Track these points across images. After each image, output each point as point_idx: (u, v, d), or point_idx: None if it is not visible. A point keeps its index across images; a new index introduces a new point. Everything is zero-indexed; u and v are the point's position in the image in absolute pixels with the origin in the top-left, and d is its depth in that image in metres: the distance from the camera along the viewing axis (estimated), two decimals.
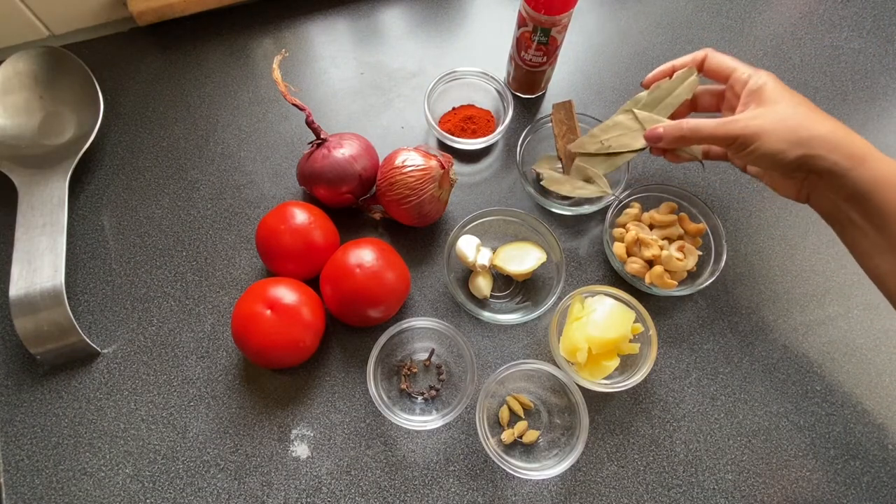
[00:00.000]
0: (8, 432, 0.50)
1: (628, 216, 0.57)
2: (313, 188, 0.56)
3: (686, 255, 0.54)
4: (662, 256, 0.53)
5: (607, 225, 0.56)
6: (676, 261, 0.53)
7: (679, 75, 0.52)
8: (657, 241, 0.54)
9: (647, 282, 0.54)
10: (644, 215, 0.57)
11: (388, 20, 0.69)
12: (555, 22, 0.54)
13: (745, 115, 0.45)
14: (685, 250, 0.54)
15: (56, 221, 0.54)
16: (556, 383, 0.50)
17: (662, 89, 0.53)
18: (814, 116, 0.44)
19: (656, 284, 0.53)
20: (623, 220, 0.57)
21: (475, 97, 0.63)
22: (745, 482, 0.50)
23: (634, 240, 0.55)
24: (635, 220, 0.57)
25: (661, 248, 0.54)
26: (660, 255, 0.53)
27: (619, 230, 0.57)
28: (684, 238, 0.56)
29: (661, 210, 0.57)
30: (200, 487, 0.49)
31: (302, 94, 0.65)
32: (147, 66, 0.66)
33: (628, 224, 0.56)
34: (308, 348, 0.50)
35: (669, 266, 0.53)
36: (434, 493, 0.49)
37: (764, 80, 0.46)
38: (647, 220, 0.57)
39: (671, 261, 0.53)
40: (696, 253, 0.55)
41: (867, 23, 0.71)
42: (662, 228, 0.56)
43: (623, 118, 0.54)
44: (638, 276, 0.54)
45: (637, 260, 0.54)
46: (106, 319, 0.55)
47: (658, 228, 0.56)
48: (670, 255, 0.53)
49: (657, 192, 0.58)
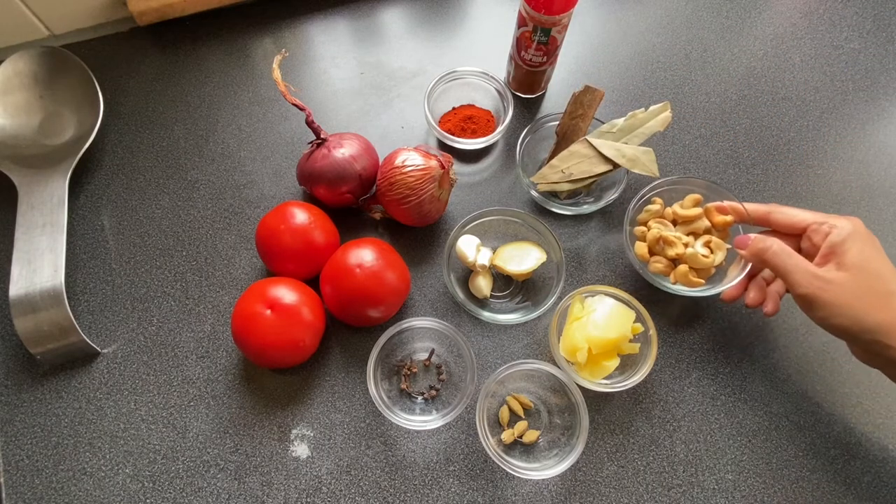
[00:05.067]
0: (8, 432, 0.50)
1: (650, 213, 0.54)
2: (313, 188, 0.56)
3: (713, 251, 0.51)
4: (687, 254, 0.51)
5: (627, 223, 0.54)
6: (702, 258, 0.50)
7: (654, 109, 0.56)
8: (681, 239, 0.52)
9: (672, 281, 0.52)
10: (667, 210, 0.54)
11: (388, 20, 0.69)
12: (555, 22, 0.54)
13: (820, 278, 0.43)
14: (712, 245, 0.52)
15: (56, 221, 0.54)
16: (556, 383, 0.50)
17: (637, 119, 0.57)
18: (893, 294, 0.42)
19: (682, 283, 0.51)
20: (644, 217, 0.55)
21: (475, 97, 0.63)
22: (745, 482, 0.50)
23: (657, 238, 0.52)
24: (657, 216, 0.54)
25: (686, 246, 0.51)
26: (684, 254, 0.51)
27: (641, 229, 0.54)
28: (711, 232, 0.53)
29: (686, 203, 0.54)
30: (200, 487, 0.49)
31: (302, 94, 0.65)
32: (147, 66, 0.66)
33: (650, 221, 0.54)
34: (308, 348, 0.50)
35: (695, 264, 0.51)
36: (434, 493, 0.49)
37: (847, 232, 0.44)
38: (671, 216, 0.54)
39: (697, 258, 0.50)
40: (724, 247, 0.52)
41: (867, 23, 0.71)
42: (687, 224, 0.53)
43: (579, 147, 0.57)
44: (662, 275, 0.52)
45: (660, 259, 0.52)
46: (106, 319, 0.55)
47: (682, 224, 0.53)
48: (696, 253, 0.50)
49: (681, 184, 0.55)
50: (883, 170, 0.62)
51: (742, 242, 0.48)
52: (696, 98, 0.66)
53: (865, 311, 0.41)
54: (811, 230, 0.46)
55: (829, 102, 0.66)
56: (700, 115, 0.65)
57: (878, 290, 0.42)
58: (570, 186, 0.57)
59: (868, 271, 0.42)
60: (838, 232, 0.44)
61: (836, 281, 0.42)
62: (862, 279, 0.42)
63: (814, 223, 0.46)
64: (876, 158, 0.63)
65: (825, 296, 0.42)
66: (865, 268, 0.42)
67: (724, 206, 0.52)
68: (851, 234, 0.44)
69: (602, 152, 0.56)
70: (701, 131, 0.64)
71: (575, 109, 0.58)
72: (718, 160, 0.63)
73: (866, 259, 0.43)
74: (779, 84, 0.67)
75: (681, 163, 0.62)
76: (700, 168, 0.62)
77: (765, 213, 0.49)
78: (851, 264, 0.43)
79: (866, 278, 0.42)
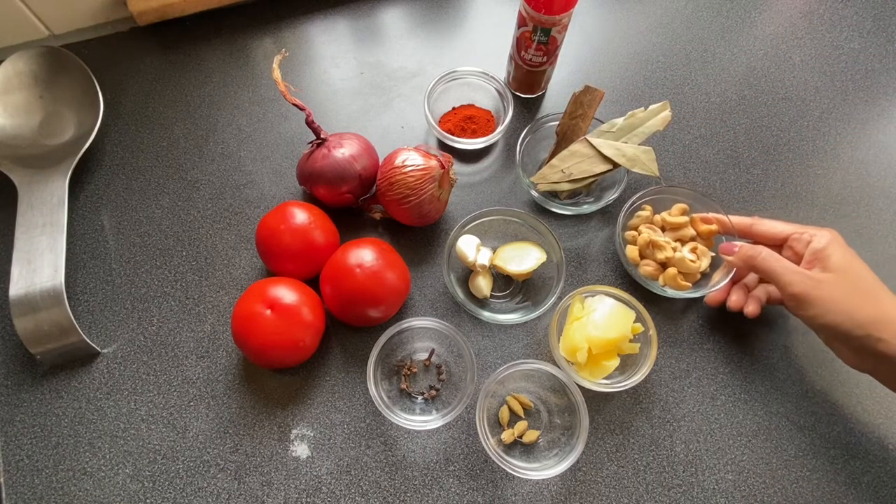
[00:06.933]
0: (8, 432, 0.50)
1: (640, 218, 0.57)
2: (313, 188, 0.56)
3: (699, 257, 0.54)
4: (675, 258, 0.53)
5: (619, 227, 0.55)
6: (690, 262, 0.53)
7: (654, 108, 0.56)
8: (670, 244, 0.54)
9: (661, 284, 0.54)
10: (656, 217, 0.57)
11: (388, 20, 0.69)
12: (555, 22, 0.54)
13: (811, 278, 0.45)
14: (698, 252, 0.54)
15: (56, 221, 0.54)
16: (556, 383, 0.50)
17: (637, 118, 0.57)
18: (880, 293, 0.44)
19: (671, 286, 0.53)
20: (635, 222, 0.57)
21: (475, 97, 0.63)
22: (745, 482, 0.50)
23: (647, 242, 0.55)
24: (647, 222, 0.57)
25: (675, 250, 0.54)
26: (673, 258, 0.53)
27: (632, 233, 0.56)
28: (697, 240, 0.56)
29: (673, 212, 0.56)
30: (200, 487, 0.49)
31: (302, 94, 0.65)
32: (147, 66, 0.66)
33: (640, 226, 0.56)
34: (308, 348, 0.50)
35: (683, 268, 0.53)
36: (434, 493, 0.49)
37: (827, 239, 0.46)
38: (659, 223, 0.57)
39: (684, 262, 0.53)
40: (709, 254, 0.55)
41: (867, 23, 0.71)
42: (675, 230, 0.56)
43: (579, 147, 0.57)
44: (651, 278, 0.54)
45: (650, 262, 0.54)
46: (106, 319, 0.55)
47: (670, 231, 0.56)
48: (683, 257, 0.53)
49: (668, 193, 0.57)
50: (883, 170, 0.62)
51: (727, 249, 0.51)
52: (696, 98, 0.66)
53: (856, 306, 0.43)
54: (793, 239, 0.49)
55: (829, 102, 0.66)
56: (700, 115, 0.65)
57: (864, 288, 0.45)
58: (570, 186, 0.57)
59: (852, 272, 0.45)
60: (819, 239, 0.47)
61: (826, 280, 0.45)
62: (848, 279, 0.45)
63: (795, 233, 0.49)
64: (876, 158, 0.63)
65: (817, 293, 0.44)
66: (849, 269, 0.45)
67: (710, 217, 0.54)
68: (832, 241, 0.46)
69: (602, 152, 0.56)
70: (701, 131, 0.64)
71: (575, 109, 0.58)
72: (718, 160, 0.63)
73: (849, 262, 0.45)
74: (779, 84, 0.67)
75: (681, 163, 0.62)
76: (700, 168, 0.62)
77: (748, 224, 0.52)
78: (836, 266, 0.45)
79: (852, 278, 0.45)
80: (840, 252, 0.46)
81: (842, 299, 0.44)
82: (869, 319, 0.43)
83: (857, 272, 0.45)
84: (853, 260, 0.46)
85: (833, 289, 0.44)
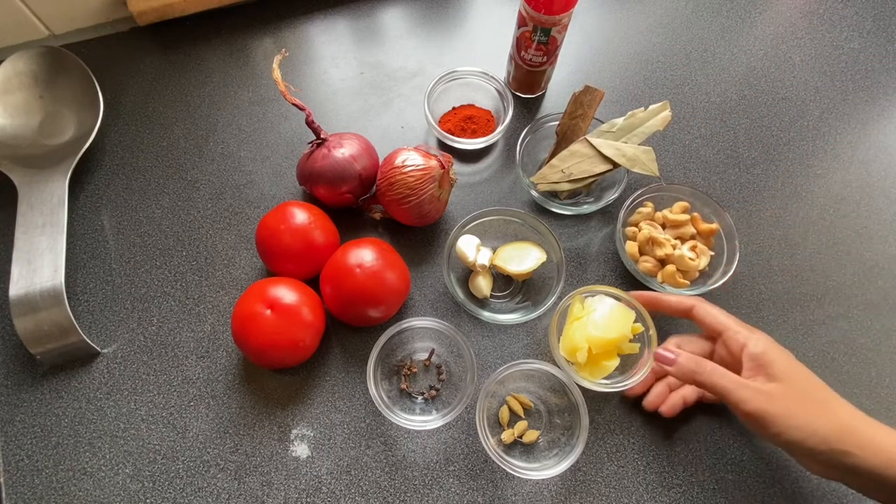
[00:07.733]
0: (8, 432, 0.50)
1: (641, 215, 0.57)
2: (313, 188, 0.56)
3: (698, 255, 0.54)
4: (675, 256, 0.53)
5: (620, 224, 0.55)
6: (689, 260, 0.53)
7: (653, 108, 0.56)
8: (670, 241, 0.54)
9: (660, 281, 0.54)
10: (657, 214, 0.57)
11: (388, 20, 0.69)
12: (555, 22, 0.54)
13: (762, 392, 0.41)
14: (697, 250, 0.54)
15: (56, 221, 0.54)
16: (556, 383, 0.50)
17: (637, 118, 0.57)
18: (829, 399, 0.42)
19: (669, 283, 0.53)
20: (636, 219, 0.57)
21: (475, 97, 0.63)
22: (745, 482, 0.50)
23: (647, 239, 0.55)
24: (648, 219, 0.57)
25: (674, 248, 0.54)
26: (672, 255, 0.53)
27: (632, 229, 0.56)
28: (697, 238, 0.56)
29: (674, 210, 0.57)
30: (200, 487, 0.49)
31: (302, 94, 0.65)
32: (147, 66, 0.66)
33: (641, 223, 0.56)
34: (308, 348, 0.50)
35: (682, 265, 0.53)
36: (434, 493, 0.49)
37: (763, 345, 0.43)
38: (660, 220, 0.57)
39: (683, 260, 0.53)
40: (708, 253, 0.55)
41: (867, 23, 0.71)
42: (675, 228, 0.56)
43: (579, 147, 0.57)
44: (650, 274, 0.54)
45: (649, 259, 0.55)
46: (106, 319, 0.55)
47: (671, 228, 0.56)
48: (683, 255, 0.53)
49: (670, 191, 0.58)
50: (883, 170, 0.62)
51: (664, 359, 0.46)
52: (696, 98, 0.66)
53: (814, 417, 0.40)
54: (726, 336, 0.46)
55: (829, 102, 0.66)
56: (700, 115, 0.65)
57: (817, 396, 0.42)
58: (570, 186, 0.57)
59: (798, 380, 0.42)
60: (755, 343, 0.44)
61: (776, 393, 0.41)
62: (797, 388, 0.42)
63: (730, 330, 0.46)
64: (876, 158, 0.63)
65: (773, 409, 0.41)
66: (795, 377, 0.42)
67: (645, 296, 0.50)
68: (769, 345, 0.44)
69: (602, 152, 0.56)
70: (701, 131, 0.64)
71: (575, 109, 0.58)
72: (718, 160, 0.63)
73: (792, 368, 0.43)
74: (779, 84, 0.67)
75: (681, 163, 0.63)
76: (700, 168, 0.62)
77: (688, 307, 0.49)
78: (783, 375, 0.42)
79: (801, 386, 0.42)
80: (781, 357, 0.43)
81: (798, 412, 0.40)
82: (829, 431, 0.40)
83: (804, 378, 0.43)
84: (794, 364, 0.43)
85: (788, 402, 0.41)
